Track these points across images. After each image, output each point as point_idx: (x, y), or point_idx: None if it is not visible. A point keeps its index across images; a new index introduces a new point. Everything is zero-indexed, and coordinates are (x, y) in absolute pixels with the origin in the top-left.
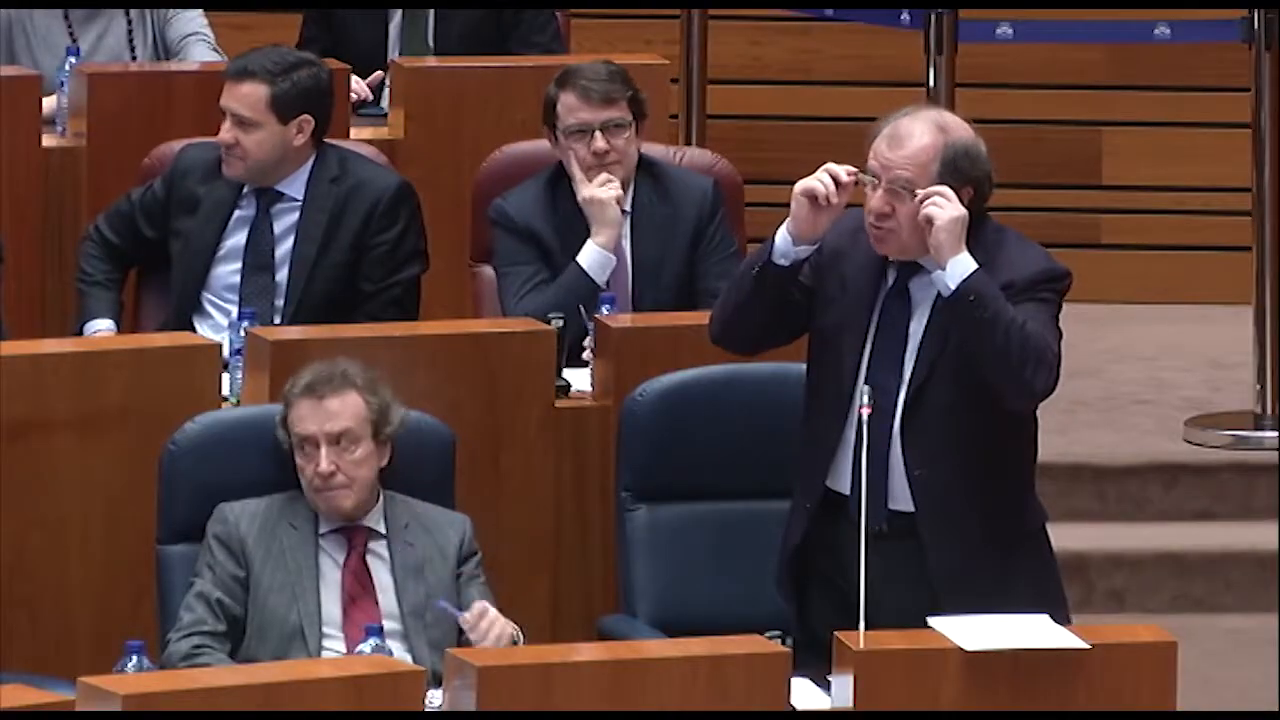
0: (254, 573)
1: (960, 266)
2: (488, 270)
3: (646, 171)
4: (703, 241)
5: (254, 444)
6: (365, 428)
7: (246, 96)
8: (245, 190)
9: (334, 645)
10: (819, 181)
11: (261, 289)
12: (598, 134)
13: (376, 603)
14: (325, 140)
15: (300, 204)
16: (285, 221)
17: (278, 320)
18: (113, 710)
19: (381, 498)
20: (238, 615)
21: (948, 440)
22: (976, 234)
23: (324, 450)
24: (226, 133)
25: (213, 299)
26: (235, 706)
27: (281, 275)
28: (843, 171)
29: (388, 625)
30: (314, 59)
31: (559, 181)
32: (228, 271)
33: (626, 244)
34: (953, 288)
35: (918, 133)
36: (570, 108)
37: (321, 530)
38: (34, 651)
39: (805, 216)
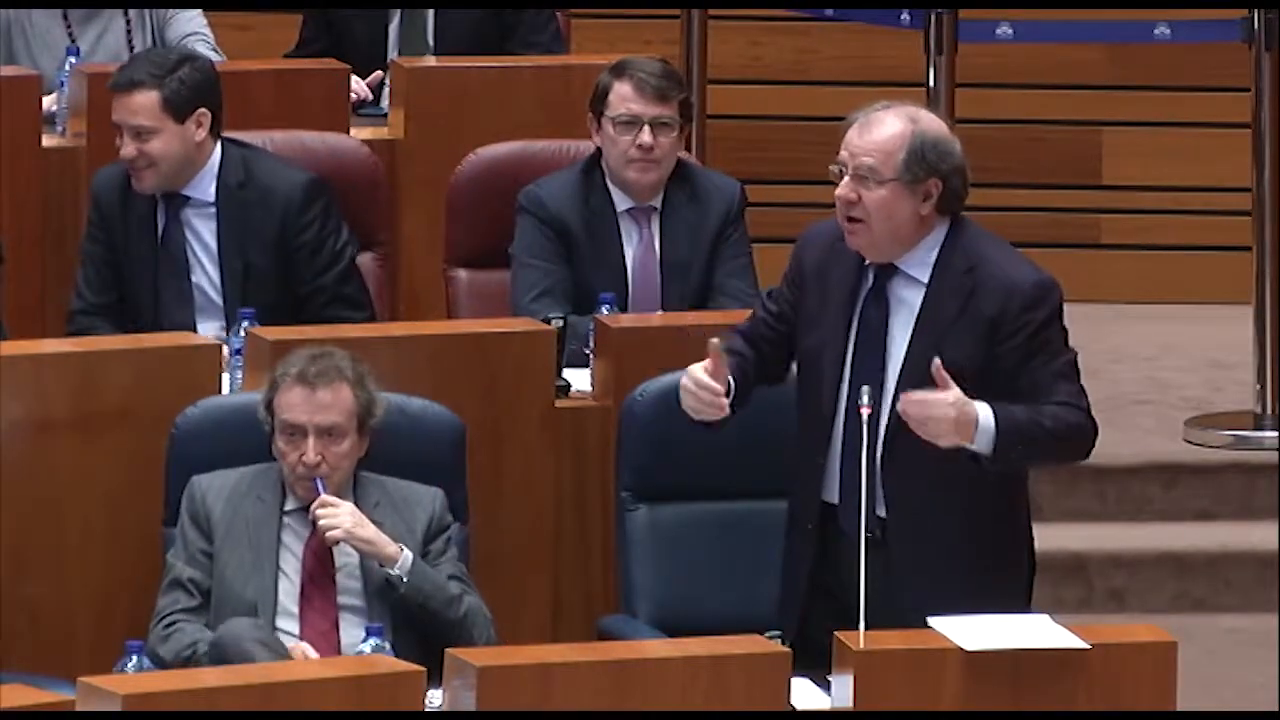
0: (216, 545)
1: (984, 434)
2: (463, 274)
3: (677, 173)
4: (720, 240)
5: (255, 428)
6: (352, 422)
7: (140, 106)
8: (159, 199)
9: (288, 625)
10: (693, 396)
11: (177, 295)
12: (646, 128)
13: (334, 583)
14: (224, 136)
15: (213, 208)
16: (197, 227)
17: (203, 329)
18: (113, 710)
19: (353, 479)
20: (210, 588)
21: (930, 456)
22: (957, 239)
23: (312, 441)
24: (127, 148)
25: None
26: (235, 706)
27: (201, 281)
28: (698, 368)
29: (350, 602)
30: (192, 54)
31: (592, 172)
32: None
33: (656, 244)
34: (992, 451)
35: (888, 122)
36: (624, 97)
37: (288, 507)
38: (34, 651)
39: (703, 405)
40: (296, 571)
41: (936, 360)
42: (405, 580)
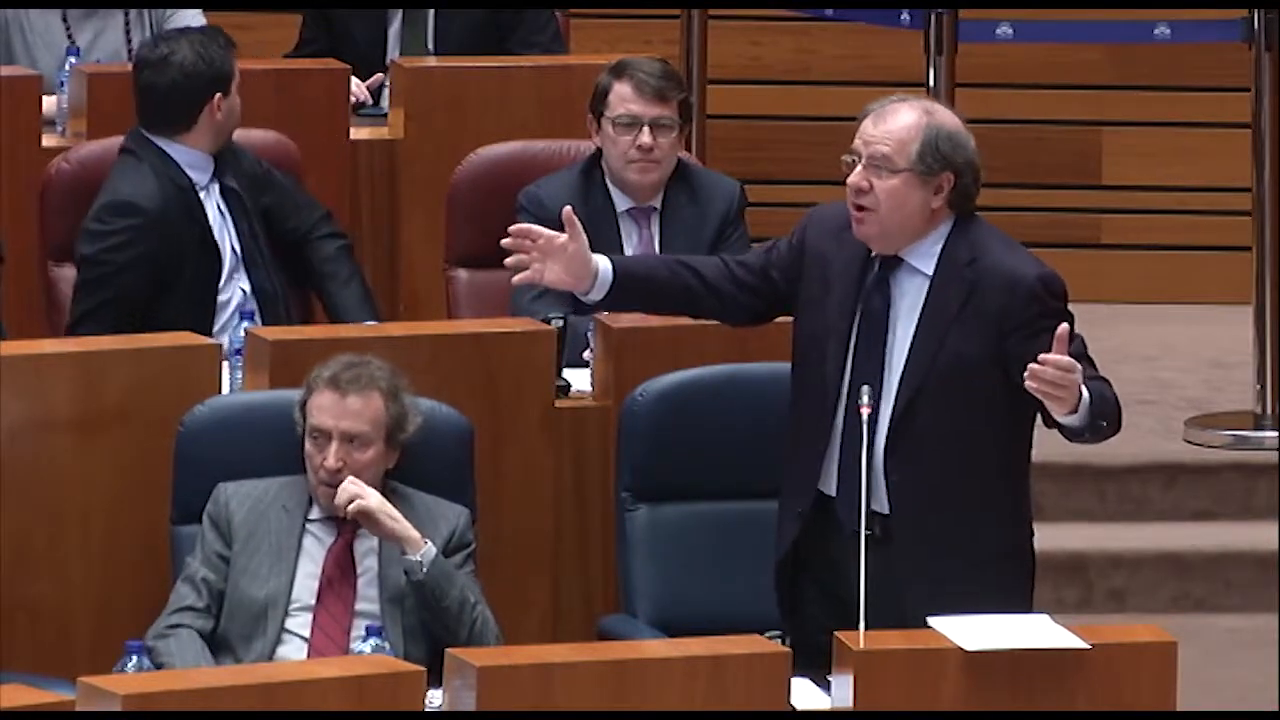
0: (234, 551)
1: (1083, 405)
2: (463, 274)
3: (677, 173)
4: (720, 240)
5: (263, 427)
6: (379, 432)
7: None
8: (210, 185)
9: (297, 627)
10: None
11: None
12: (646, 129)
13: (354, 589)
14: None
15: (236, 186)
16: (239, 209)
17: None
18: (113, 710)
19: (380, 489)
20: (223, 590)
21: (934, 452)
22: (963, 232)
23: (334, 446)
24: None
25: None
26: (235, 706)
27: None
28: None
29: (365, 608)
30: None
31: (592, 172)
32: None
33: (656, 245)
34: (1088, 421)
35: (903, 112)
36: (623, 98)
37: (313, 516)
38: (34, 651)
39: (547, 273)
40: (314, 576)
41: (1064, 326)
42: (426, 570)
